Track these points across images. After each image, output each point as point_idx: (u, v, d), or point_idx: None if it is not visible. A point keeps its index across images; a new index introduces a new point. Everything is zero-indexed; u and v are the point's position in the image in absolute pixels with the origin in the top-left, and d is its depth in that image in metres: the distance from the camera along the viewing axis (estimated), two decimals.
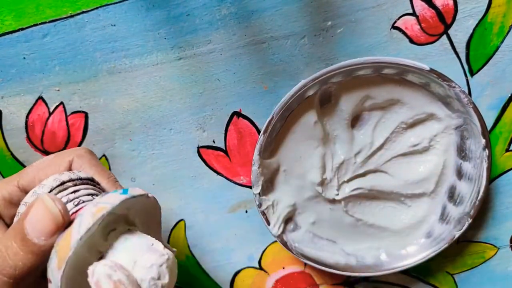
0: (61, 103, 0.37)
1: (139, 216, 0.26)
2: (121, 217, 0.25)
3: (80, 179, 0.27)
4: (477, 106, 0.34)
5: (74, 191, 0.26)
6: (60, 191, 0.26)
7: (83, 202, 0.25)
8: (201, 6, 0.34)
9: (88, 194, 0.26)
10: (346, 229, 0.39)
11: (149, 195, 0.25)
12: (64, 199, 0.25)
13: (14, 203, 0.27)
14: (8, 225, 0.27)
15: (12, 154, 0.38)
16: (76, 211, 0.24)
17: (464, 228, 0.36)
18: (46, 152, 0.37)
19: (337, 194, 0.38)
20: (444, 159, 0.37)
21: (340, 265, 0.38)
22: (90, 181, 0.28)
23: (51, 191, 0.26)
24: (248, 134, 0.38)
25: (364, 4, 0.35)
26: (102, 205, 0.22)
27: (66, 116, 0.37)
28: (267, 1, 0.34)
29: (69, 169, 0.28)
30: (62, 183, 0.26)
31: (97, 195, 0.27)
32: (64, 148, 0.37)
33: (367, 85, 0.35)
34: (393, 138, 0.37)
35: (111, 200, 0.23)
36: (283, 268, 0.41)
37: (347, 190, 0.38)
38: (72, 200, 0.25)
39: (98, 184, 0.28)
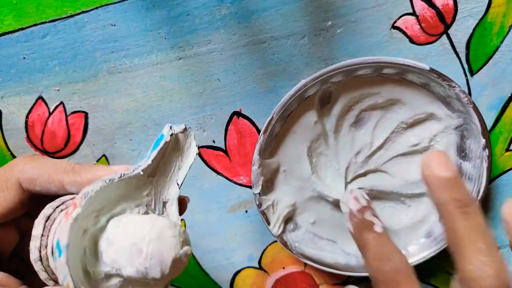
0: (61, 103, 0.37)
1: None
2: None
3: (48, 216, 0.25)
4: (477, 106, 0.34)
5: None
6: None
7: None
8: (201, 6, 0.34)
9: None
10: (346, 229, 0.39)
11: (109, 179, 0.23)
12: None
13: None
14: None
15: (12, 154, 0.38)
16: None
17: None
18: (46, 152, 0.37)
19: (342, 196, 0.38)
20: None
21: (340, 265, 0.38)
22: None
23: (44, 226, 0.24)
24: (248, 134, 0.38)
25: (364, 4, 0.35)
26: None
27: (66, 116, 0.37)
28: (267, 1, 0.34)
29: (21, 188, 0.25)
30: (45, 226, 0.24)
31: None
32: (64, 148, 0.37)
33: (367, 85, 0.35)
34: (393, 138, 0.37)
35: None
36: (283, 268, 0.41)
37: (348, 190, 0.38)
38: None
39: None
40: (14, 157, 0.38)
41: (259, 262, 0.40)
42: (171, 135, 0.25)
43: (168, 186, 0.26)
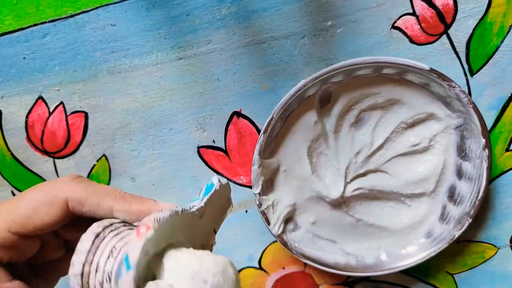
0: (61, 103, 0.37)
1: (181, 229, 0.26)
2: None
3: (98, 234, 0.25)
4: (477, 106, 0.34)
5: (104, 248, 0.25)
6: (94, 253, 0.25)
7: (116, 249, 0.25)
8: (201, 6, 0.34)
9: (116, 235, 0.25)
10: (346, 229, 0.39)
11: (174, 210, 0.24)
12: (102, 260, 0.25)
13: (7, 248, 0.26)
14: (3, 266, 0.26)
15: (12, 154, 0.38)
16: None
17: (464, 228, 0.36)
18: (46, 152, 0.37)
19: (342, 196, 0.37)
20: (444, 159, 0.37)
21: (340, 265, 0.38)
22: (108, 225, 0.26)
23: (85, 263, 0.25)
24: (248, 134, 0.38)
25: (364, 4, 0.35)
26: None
27: (66, 116, 0.37)
28: (267, 1, 0.34)
29: (66, 207, 0.26)
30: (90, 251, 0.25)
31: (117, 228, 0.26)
32: (64, 148, 0.37)
33: (367, 85, 0.35)
34: (393, 138, 0.37)
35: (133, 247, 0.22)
36: (283, 268, 0.41)
37: (348, 190, 0.38)
38: (109, 253, 0.24)
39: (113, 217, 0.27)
40: (14, 157, 0.38)
41: (259, 262, 0.40)
42: (220, 186, 0.27)
43: (207, 231, 0.27)
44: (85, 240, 0.24)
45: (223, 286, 0.22)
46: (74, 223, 0.26)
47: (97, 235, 0.25)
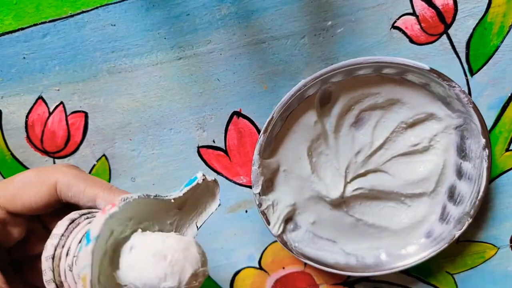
0: (61, 103, 0.37)
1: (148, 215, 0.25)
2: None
3: (66, 228, 0.25)
4: (477, 106, 0.34)
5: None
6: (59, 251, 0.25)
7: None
8: (201, 6, 0.34)
9: (91, 221, 0.25)
10: (346, 229, 0.39)
11: (133, 197, 0.24)
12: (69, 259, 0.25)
13: None
14: None
15: (12, 154, 0.38)
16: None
17: (464, 228, 0.36)
18: (46, 152, 0.37)
19: (342, 196, 0.37)
20: (444, 159, 0.37)
21: (340, 265, 0.38)
22: (77, 218, 0.26)
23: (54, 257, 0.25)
24: (248, 134, 0.38)
25: (364, 4, 0.35)
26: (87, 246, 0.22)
27: (66, 116, 0.37)
28: (267, 1, 0.34)
29: (54, 189, 0.26)
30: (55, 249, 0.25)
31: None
32: (64, 148, 0.37)
33: (367, 85, 0.35)
34: (393, 138, 0.37)
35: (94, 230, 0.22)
36: (283, 268, 0.41)
37: (348, 190, 0.38)
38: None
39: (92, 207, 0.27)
40: (14, 157, 0.38)
41: (259, 262, 0.40)
42: (203, 180, 0.26)
43: (188, 225, 0.27)
44: (60, 225, 0.25)
45: (183, 263, 0.22)
46: (60, 213, 0.26)
47: (73, 221, 0.25)
